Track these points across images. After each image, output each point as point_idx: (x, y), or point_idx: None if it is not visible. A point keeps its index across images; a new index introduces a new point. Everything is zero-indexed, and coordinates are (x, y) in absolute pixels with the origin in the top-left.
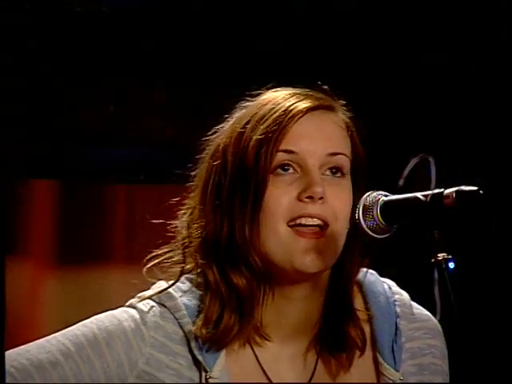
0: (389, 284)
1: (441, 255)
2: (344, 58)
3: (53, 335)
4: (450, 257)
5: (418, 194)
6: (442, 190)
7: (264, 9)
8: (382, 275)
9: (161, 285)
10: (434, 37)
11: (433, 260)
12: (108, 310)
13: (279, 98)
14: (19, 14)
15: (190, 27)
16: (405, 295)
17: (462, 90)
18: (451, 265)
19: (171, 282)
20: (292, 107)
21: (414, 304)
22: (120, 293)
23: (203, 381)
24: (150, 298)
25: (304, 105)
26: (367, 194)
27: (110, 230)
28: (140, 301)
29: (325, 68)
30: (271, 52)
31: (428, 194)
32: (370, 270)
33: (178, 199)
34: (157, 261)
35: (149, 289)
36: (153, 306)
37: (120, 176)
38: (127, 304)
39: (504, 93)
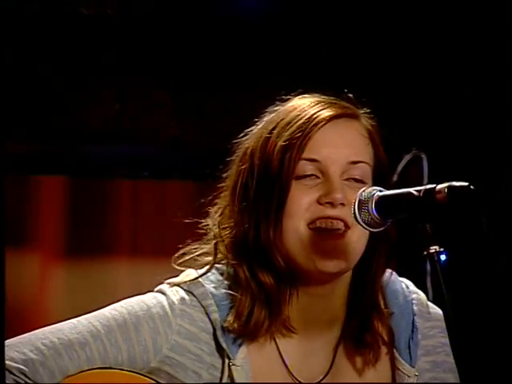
0: (406, 283)
1: (433, 248)
2: (339, 57)
3: (84, 316)
4: (441, 250)
5: (412, 190)
6: (435, 185)
7: (265, 13)
8: None
9: (190, 273)
10: (429, 37)
11: (425, 253)
12: (113, 299)
13: (305, 105)
14: (29, 16)
15: (192, 31)
16: (421, 295)
17: (454, 89)
18: (443, 257)
19: (201, 272)
20: (316, 115)
21: (430, 303)
22: (125, 282)
23: (226, 367)
24: (178, 285)
25: (328, 113)
26: (362, 189)
27: (115, 223)
28: (169, 288)
29: (320, 66)
30: (271, 55)
31: (421, 190)
32: (389, 270)
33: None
34: (190, 256)
35: (177, 276)
36: (181, 294)
37: (125, 172)
38: (157, 289)
39: (495, 92)
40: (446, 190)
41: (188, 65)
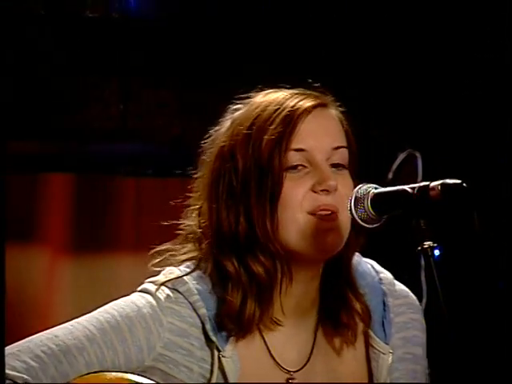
0: (371, 263)
1: (427, 243)
2: (337, 56)
3: (76, 320)
4: (435, 245)
5: (406, 187)
6: (428, 182)
7: (265, 11)
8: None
9: (172, 271)
10: (427, 36)
11: (419, 248)
12: (117, 294)
13: (280, 98)
14: (31, 17)
15: (194, 30)
16: (387, 273)
17: (451, 89)
18: (437, 252)
19: (188, 271)
20: (296, 107)
21: (396, 281)
22: (129, 278)
23: (215, 359)
24: (163, 284)
25: (307, 104)
26: (359, 186)
27: (119, 220)
28: (156, 288)
29: (319, 66)
30: (271, 53)
31: (415, 187)
32: (356, 253)
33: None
34: (166, 254)
35: (158, 274)
36: (167, 292)
37: (129, 170)
38: (141, 288)
39: (494, 92)
40: (439, 187)
41: (191, 64)
